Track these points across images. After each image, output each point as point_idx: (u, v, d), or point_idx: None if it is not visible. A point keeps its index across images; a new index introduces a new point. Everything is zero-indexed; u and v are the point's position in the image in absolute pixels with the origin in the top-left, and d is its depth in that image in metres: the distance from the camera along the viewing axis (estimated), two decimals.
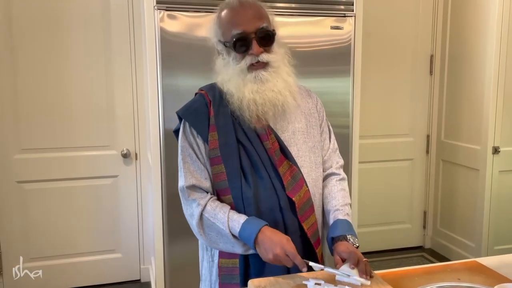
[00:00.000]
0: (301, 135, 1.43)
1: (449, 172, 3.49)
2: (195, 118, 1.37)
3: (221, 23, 1.35)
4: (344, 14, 2.52)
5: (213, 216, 1.31)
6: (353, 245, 1.31)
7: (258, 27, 1.31)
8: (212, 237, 1.33)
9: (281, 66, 1.36)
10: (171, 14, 2.27)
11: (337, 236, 1.33)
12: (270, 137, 1.36)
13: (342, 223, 1.37)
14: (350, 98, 2.60)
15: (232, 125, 1.35)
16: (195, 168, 1.36)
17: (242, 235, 1.27)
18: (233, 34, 1.30)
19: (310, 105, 1.49)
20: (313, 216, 1.39)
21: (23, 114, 2.84)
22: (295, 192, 1.34)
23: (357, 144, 2.67)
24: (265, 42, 1.32)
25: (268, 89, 1.32)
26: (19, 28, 2.76)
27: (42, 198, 2.94)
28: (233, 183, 1.33)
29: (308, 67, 2.51)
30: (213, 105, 1.37)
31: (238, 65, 1.32)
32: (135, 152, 3.08)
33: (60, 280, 3.03)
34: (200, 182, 1.35)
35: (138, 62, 2.97)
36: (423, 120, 3.60)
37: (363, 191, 3.36)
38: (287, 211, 1.33)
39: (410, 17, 3.43)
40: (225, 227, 1.29)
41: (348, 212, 1.42)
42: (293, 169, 1.37)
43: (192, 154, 1.36)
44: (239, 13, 1.32)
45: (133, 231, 3.15)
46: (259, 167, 1.34)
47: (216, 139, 1.34)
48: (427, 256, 3.58)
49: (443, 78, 3.48)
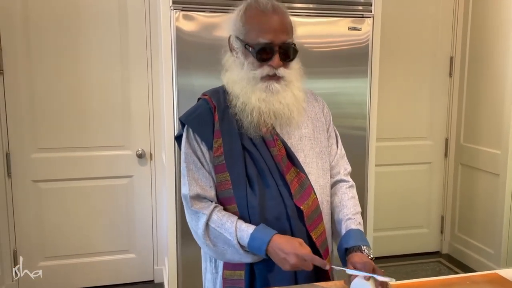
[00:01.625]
0: (308, 140, 1.39)
1: (468, 177, 3.42)
2: (199, 124, 1.33)
3: (247, 22, 1.29)
4: (362, 15, 2.48)
5: (219, 226, 1.26)
6: (368, 256, 1.26)
7: (285, 41, 1.27)
8: (219, 248, 1.28)
9: (294, 82, 1.32)
10: (187, 14, 2.26)
11: (351, 247, 1.29)
12: (277, 143, 1.32)
13: (356, 233, 1.32)
14: (367, 99, 2.56)
15: (238, 131, 1.31)
16: (200, 175, 1.32)
17: (252, 245, 1.23)
18: (260, 42, 1.25)
19: (316, 110, 1.45)
20: (322, 224, 1.34)
21: (40, 113, 2.86)
22: (303, 200, 1.30)
23: (373, 146, 2.62)
24: (287, 57, 1.29)
25: (276, 101, 1.28)
26: (36, 28, 2.78)
27: (57, 197, 2.96)
28: (238, 191, 1.28)
29: (325, 67, 2.48)
30: (217, 110, 1.33)
31: (253, 71, 1.28)
32: (150, 153, 3.07)
33: (75, 279, 3.04)
34: (205, 190, 1.31)
35: (154, 62, 2.97)
36: (442, 123, 3.53)
37: (379, 194, 3.30)
38: (294, 220, 1.28)
39: (430, 18, 3.36)
40: (233, 237, 1.24)
41: (360, 221, 1.38)
42: (301, 176, 1.32)
43: (196, 161, 1.32)
44: (271, 20, 1.26)
45: (147, 232, 3.15)
46: (265, 174, 1.29)
47: (220, 146, 1.30)
48: (444, 262, 3.50)
49: (463, 80, 3.41)
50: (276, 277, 1.26)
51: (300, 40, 2.41)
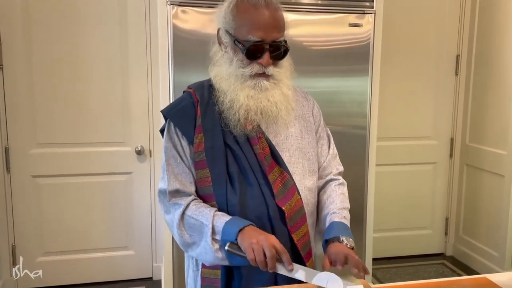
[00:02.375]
0: (294, 140, 1.34)
1: (473, 177, 3.35)
2: (180, 118, 1.30)
3: (237, 16, 1.23)
4: (363, 11, 2.43)
5: (196, 214, 1.23)
6: (346, 245, 1.21)
7: (276, 39, 1.23)
8: (187, 238, 1.25)
9: (283, 80, 1.29)
10: (184, 10, 2.23)
11: (330, 238, 1.25)
12: (261, 141, 1.28)
13: (338, 225, 1.28)
14: (368, 98, 2.51)
15: (220, 127, 1.27)
16: (180, 171, 1.29)
17: (226, 229, 1.18)
18: (250, 39, 1.21)
19: (305, 109, 1.41)
20: (305, 226, 1.30)
21: (39, 108, 2.85)
22: (286, 201, 1.26)
23: (374, 145, 2.57)
24: (277, 56, 1.25)
25: (265, 98, 1.25)
26: (36, 23, 2.77)
27: (56, 193, 2.95)
28: (218, 189, 1.25)
29: (325, 65, 2.44)
30: (200, 105, 1.29)
31: (242, 69, 1.24)
32: (149, 149, 3.06)
33: (73, 275, 3.04)
34: (184, 186, 1.28)
35: (154, 59, 2.95)
36: (447, 122, 3.46)
37: (382, 194, 3.26)
38: (276, 221, 1.24)
39: (436, 15, 3.29)
40: (209, 222, 1.20)
41: (345, 215, 1.33)
42: (285, 175, 1.28)
43: (176, 155, 1.29)
44: (263, 16, 1.21)
45: (146, 229, 3.14)
46: (247, 173, 1.25)
47: (202, 142, 1.27)
48: (448, 264, 3.44)
49: (469, 79, 3.33)
50: (256, 278, 1.22)
51: (300, 38, 2.39)
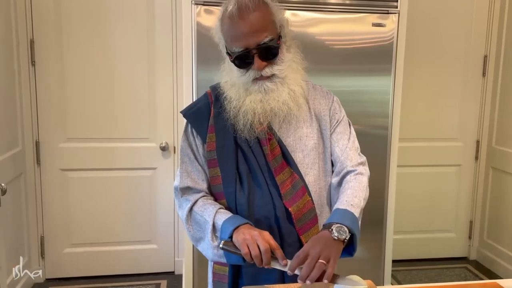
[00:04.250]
0: (310, 140, 1.33)
1: (499, 181, 3.28)
2: (196, 118, 1.35)
3: (222, 31, 1.25)
4: (387, 11, 2.41)
5: (202, 210, 1.28)
6: (335, 238, 1.10)
7: (259, 42, 1.20)
8: (194, 233, 1.30)
9: (289, 75, 1.27)
10: (208, 9, 2.27)
11: (324, 225, 1.18)
12: (270, 142, 1.29)
13: (337, 212, 1.20)
14: (390, 98, 2.49)
15: (232, 127, 1.29)
16: (193, 169, 1.33)
17: (224, 227, 1.21)
18: (234, 51, 1.22)
19: (322, 107, 1.38)
20: (315, 228, 1.28)
21: (69, 104, 2.95)
22: (294, 202, 1.26)
23: (396, 146, 2.55)
24: (268, 56, 1.23)
25: (272, 99, 1.25)
26: (67, 22, 2.87)
27: (84, 186, 3.05)
28: (227, 188, 1.28)
29: (347, 65, 2.44)
30: (214, 105, 1.33)
31: (242, 77, 1.26)
32: (173, 146, 3.12)
33: (97, 266, 3.14)
34: (196, 183, 1.33)
35: (179, 57, 3.00)
36: (473, 124, 3.39)
37: (405, 196, 3.23)
38: (283, 221, 1.26)
39: (463, 15, 3.23)
40: (211, 219, 1.24)
41: (353, 203, 1.22)
42: (294, 177, 1.28)
43: (190, 154, 1.34)
44: (239, 26, 1.20)
45: (169, 224, 3.20)
46: (256, 173, 1.27)
47: (213, 141, 1.30)
48: (471, 268, 3.38)
49: (496, 80, 3.26)
50: (263, 277, 1.24)
51: (322, 36, 2.40)
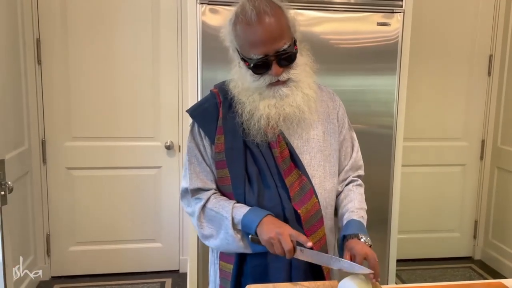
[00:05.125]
0: (316, 142, 1.34)
1: (504, 180, 3.27)
2: (203, 118, 1.34)
3: (237, 36, 1.24)
4: (392, 10, 2.41)
5: (217, 206, 1.28)
6: (365, 243, 1.24)
7: (279, 49, 1.20)
8: (206, 230, 1.31)
9: (302, 79, 1.27)
10: (213, 8, 2.28)
11: (348, 234, 1.27)
12: (279, 144, 1.29)
13: (356, 223, 1.30)
14: (395, 97, 2.49)
15: (241, 129, 1.29)
16: (201, 169, 1.33)
17: (245, 220, 1.23)
18: (253, 57, 1.21)
19: (330, 110, 1.40)
20: (322, 230, 1.31)
21: (75, 103, 2.97)
22: (302, 204, 1.27)
23: (400, 145, 2.55)
24: (286, 63, 1.23)
25: (287, 104, 1.25)
26: (73, 21, 2.89)
27: (89, 185, 3.06)
28: (236, 189, 1.29)
29: (352, 64, 2.44)
30: (223, 106, 1.32)
31: (256, 82, 1.24)
32: (178, 145, 3.13)
33: (102, 264, 3.16)
34: (205, 184, 1.33)
35: (184, 56, 3.01)
36: (479, 123, 3.38)
37: (409, 195, 3.23)
38: (292, 223, 1.26)
39: (468, 14, 3.22)
40: (229, 214, 1.25)
41: (363, 215, 1.35)
42: (302, 179, 1.29)
43: (198, 155, 1.33)
44: (258, 33, 1.18)
45: (173, 223, 3.21)
46: (266, 174, 1.28)
47: (222, 143, 1.30)
48: (476, 268, 3.37)
49: (502, 80, 3.25)
50: (267, 274, 1.25)
51: (327, 35, 2.40)
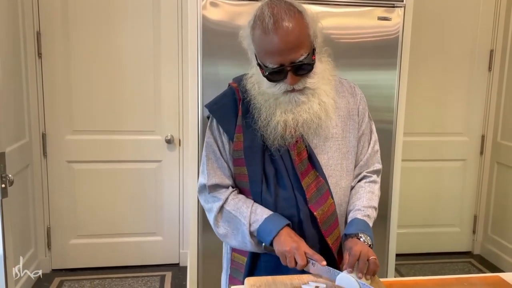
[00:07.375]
0: (334, 141, 1.32)
1: (504, 176, 3.28)
2: (223, 114, 1.32)
3: (254, 41, 1.20)
4: (393, 5, 2.40)
5: (235, 210, 1.29)
6: (364, 243, 1.22)
7: (295, 60, 1.16)
8: (222, 231, 1.32)
9: (320, 87, 1.24)
10: (213, 2, 2.28)
11: (349, 234, 1.27)
12: (297, 146, 1.28)
13: (359, 222, 1.29)
14: (396, 92, 2.49)
15: (259, 133, 1.27)
16: (219, 165, 1.33)
17: (262, 232, 1.24)
18: (267, 65, 1.18)
19: (351, 106, 1.37)
20: (338, 230, 1.32)
21: (75, 97, 2.97)
22: (319, 206, 1.27)
23: (400, 141, 2.55)
24: (303, 72, 1.19)
25: (304, 111, 1.22)
26: (73, 16, 2.88)
27: (90, 178, 3.07)
28: (254, 187, 1.29)
29: (352, 59, 2.43)
30: (242, 103, 1.30)
31: (272, 88, 1.22)
32: (178, 139, 3.14)
33: (103, 258, 3.17)
34: (223, 180, 1.33)
35: (185, 50, 3.01)
36: (479, 119, 3.38)
37: (409, 190, 3.24)
38: (307, 224, 1.27)
39: (469, 9, 3.21)
40: (247, 221, 1.25)
41: (369, 214, 1.33)
42: (320, 180, 1.29)
43: (216, 151, 1.33)
44: (274, 42, 1.14)
45: (174, 216, 3.23)
46: (283, 175, 1.28)
47: (241, 141, 1.29)
48: (475, 263, 3.39)
49: (502, 75, 3.25)
50: (280, 269, 1.25)
51: (327, 30, 2.38)
